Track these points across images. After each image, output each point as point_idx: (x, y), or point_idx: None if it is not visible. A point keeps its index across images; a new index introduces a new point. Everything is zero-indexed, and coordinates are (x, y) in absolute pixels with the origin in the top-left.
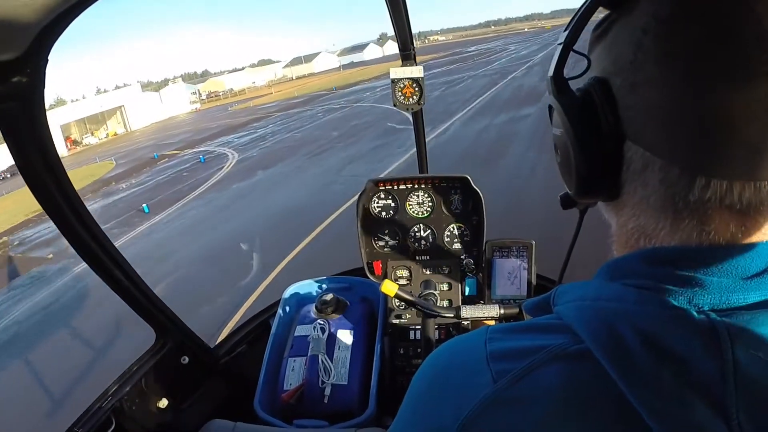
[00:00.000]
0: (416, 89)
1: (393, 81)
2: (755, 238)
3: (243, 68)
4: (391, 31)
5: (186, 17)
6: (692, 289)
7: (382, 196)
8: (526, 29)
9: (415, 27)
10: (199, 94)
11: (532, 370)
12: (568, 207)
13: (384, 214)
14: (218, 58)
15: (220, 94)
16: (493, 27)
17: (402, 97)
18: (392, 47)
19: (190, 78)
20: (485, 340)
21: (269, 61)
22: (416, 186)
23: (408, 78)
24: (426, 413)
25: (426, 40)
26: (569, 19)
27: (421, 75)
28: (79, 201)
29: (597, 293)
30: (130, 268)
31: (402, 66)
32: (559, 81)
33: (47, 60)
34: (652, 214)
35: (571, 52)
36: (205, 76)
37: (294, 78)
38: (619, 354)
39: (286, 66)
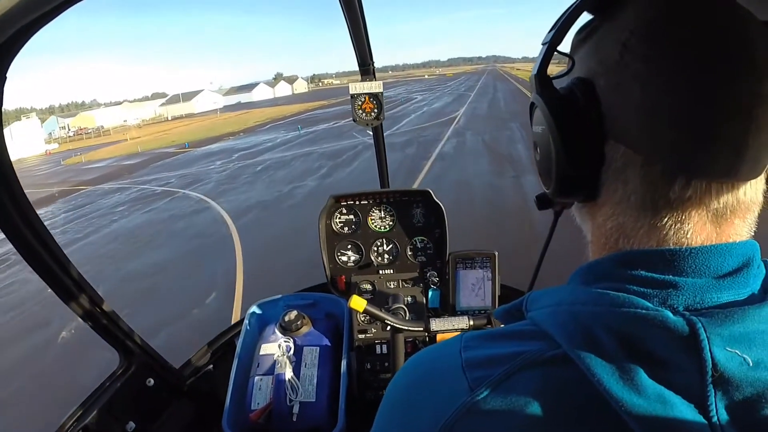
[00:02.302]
0: (375, 104)
1: (352, 96)
2: (729, 237)
3: (121, 102)
4: (287, 72)
5: (77, 41)
6: (666, 290)
7: (344, 211)
8: (426, 76)
9: (310, 69)
10: (68, 129)
11: (509, 377)
12: (544, 207)
13: (346, 229)
14: (109, 88)
15: (89, 131)
16: (390, 72)
17: (362, 113)
18: (284, 89)
19: (76, 107)
20: (460, 348)
21: (163, 95)
22: (378, 201)
23: (367, 93)
24: (403, 422)
25: (320, 83)
26: (465, 66)
27: (381, 90)
28: (38, 221)
29: (572, 298)
30: (90, 288)
31: (361, 81)
32: (543, 79)
33: (5, 78)
34: (632, 213)
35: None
36: (92, 106)
37: (170, 118)
38: (596, 356)
39: (163, 104)
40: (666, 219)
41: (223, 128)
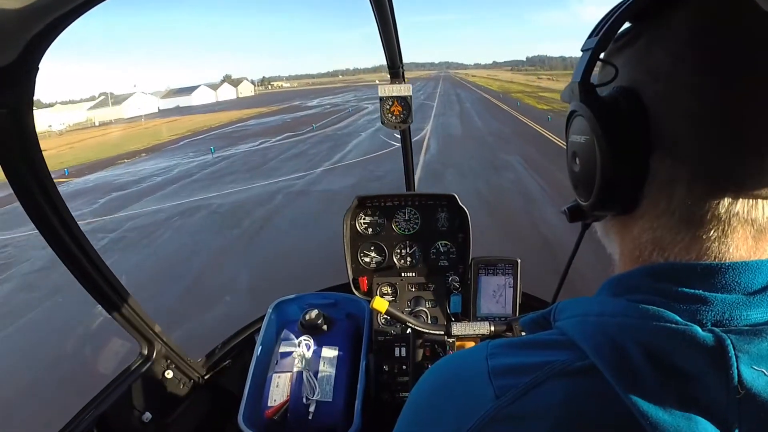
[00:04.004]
0: (404, 107)
1: (381, 99)
2: (764, 254)
3: (53, 104)
4: (238, 74)
5: None
6: (695, 305)
7: (369, 212)
8: (377, 81)
9: (261, 72)
10: None
11: (534, 387)
12: (576, 220)
13: (370, 230)
14: (55, 88)
15: None
16: (340, 76)
17: (391, 116)
18: (228, 92)
19: None
20: (486, 355)
21: (111, 96)
22: (403, 203)
23: (396, 96)
24: (426, 426)
25: (269, 86)
26: (418, 71)
27: (409, 93)
28: (66, 210)
29: (601, 309)
30: (114, 279)
31: (390, 84)
32: (587, 87)
33: (38, 68)
34: (673, 227)
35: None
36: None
37: (97, 124)
38: (623, 369)
39: (91, 108)
40: (712, 232)
41: (131, 143)
